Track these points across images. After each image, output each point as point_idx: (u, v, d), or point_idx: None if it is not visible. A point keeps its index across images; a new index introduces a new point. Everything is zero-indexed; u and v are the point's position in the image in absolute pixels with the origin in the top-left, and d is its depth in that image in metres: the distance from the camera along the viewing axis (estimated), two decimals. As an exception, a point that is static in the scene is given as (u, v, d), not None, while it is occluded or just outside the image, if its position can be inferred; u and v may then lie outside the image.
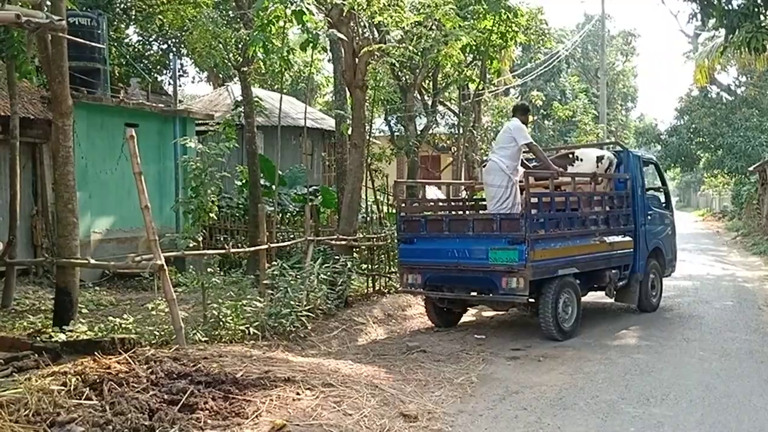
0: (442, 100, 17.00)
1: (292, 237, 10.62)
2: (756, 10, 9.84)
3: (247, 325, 6.56)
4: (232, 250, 7.78)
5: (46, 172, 10.21)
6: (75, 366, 4.58)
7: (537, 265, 6.84)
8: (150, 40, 17.35)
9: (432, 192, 15.41)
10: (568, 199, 7.56)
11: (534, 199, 7.23)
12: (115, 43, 15.01)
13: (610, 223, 8.05)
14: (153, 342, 5.95)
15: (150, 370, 4.50)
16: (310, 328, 7.06)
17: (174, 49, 17.20)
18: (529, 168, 7.99)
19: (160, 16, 14.85)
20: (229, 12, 13.70)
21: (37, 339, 5.97)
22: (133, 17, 16.20)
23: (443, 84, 16.01)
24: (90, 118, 10.71)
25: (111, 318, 6.77)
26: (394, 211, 10.27)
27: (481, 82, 15.16)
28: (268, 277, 7.45)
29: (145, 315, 7.08)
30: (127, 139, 5.84)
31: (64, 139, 6.72)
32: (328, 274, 7.94)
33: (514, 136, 7.50)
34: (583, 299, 7.76)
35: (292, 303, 7.02)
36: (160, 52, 17.38)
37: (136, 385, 4.22)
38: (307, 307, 7.15)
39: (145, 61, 16.67)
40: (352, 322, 7.80)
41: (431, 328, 8.00)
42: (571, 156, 8.67)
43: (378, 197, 12.56)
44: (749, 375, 5.79)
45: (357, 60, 8.72)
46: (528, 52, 24.68)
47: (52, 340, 5.94)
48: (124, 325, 6.46)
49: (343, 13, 8.33)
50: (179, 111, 12.55)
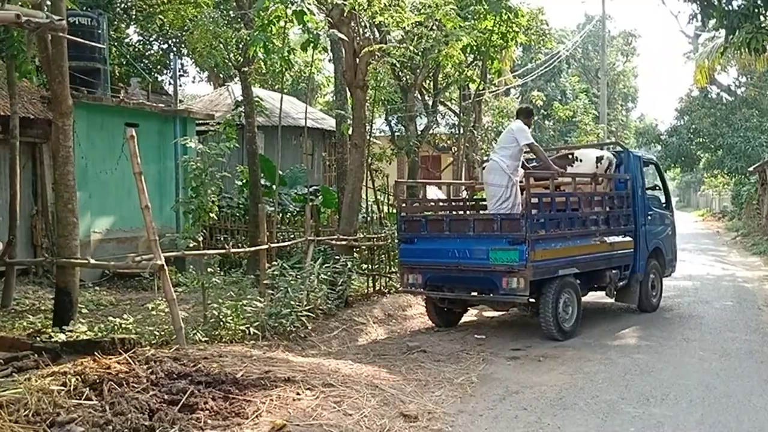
0: (442, 100, 17.01)
1: (292, 237, 10.62)
2: (756, 10, 9.84)
3: (248, 325, 6.56)
4: (233, 250, 7.79)
5: (46, 171, 10.21)
6: (75, 366, 4.58)
7: (537, 265, 6.85)
8: (150, 39, 17.36)
9: (432, 192, 15.40)
10: (569, 200, 7.56)
11: (534, 200, 7.24)
12: (115, 43, 15.02)
13: (611, 224, 8.05)
14: (153, 342, 5.95)
15: (150, 370, 4.50)
16: (310, 328, 7.06)
17: (174, 48, 17.20)
18: (529, 169, 7.99)
19: (161, 16, 14.85)
20: (230, 12, 13.70)
21: (37, 339, 5.97)
22: (133, 17, 16.21)
23: (444, 84, 16.01)
24: (90, 118, 10.71)
25: (111, 318, 6.77)
26: (395, 211, 10.26)
27: (482, 82, 15.16)
28: (269, 277, 7.45)
29: (145, 315, 7.08)
30: (128, 139, 5.84)
31: (64, 139, 6.72)
32: (329, 274, 7.94)
33: (516, 136, 7.53)
34: (583, 299, 7.77)
35: (293, 303, 7.02)
36: (161, 52, 17.38)
37: (136, 386, 4.22)
38: (307, 307, 7.15)
39: (146, 61, 16.68)
40: (353, 322, 7.80)
41: (431, 328, 8.00)
42: (570, 156, 8.68)
43: (378, 197, 12.56)
44: (749, 375, 5.79)
45: (358, 60, 8.73)
46: (528, 52, 24.68)
47: (52, 340, 5.94)
48: (124, 325, 6.46)
49: (343, 13, 8.33)
50: (179, 111, 12.55)
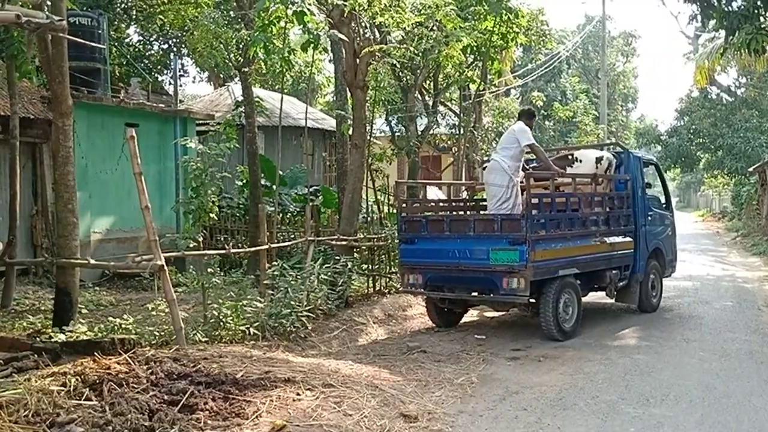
0: (442, 100, 17.01)
1: (292, 237, 10.62)
2: (756, 11, 9.85)
3: (248, 326, 6.56)
4: (233, 251, 7.78)
5: (46, 172, 10.21)
6: (75, 366, 4.58)
7: (538, 265, 6.85)
8: (150, 40, 17.35)
9: (433, 192, 15.39)
10: (569, 200, 7.57)
11: (535, 200, 7.24)
12: (115, 43, 15.02)
13: (611, 224, 8.06)
14: (153, 342, 5.95)
15: (150, 371, 4.50)
16: (310, 328, 7.06)
17: (175, 49, 17.20)
18: (529, 170, 8.00)
19: (161, 16, 14.86)
20: (230, 12, 13.70)
21: (37, 339, 5.97)
22: (133, 17, 16.21)
23: (444, 84, 16.02)
24: (90, 118, 10.71)
25: (111, 318, 6.77)
26: (395, 211, 10.26)
27: (482, 82, 15.16)
28: (269, 277, 7.45)
29: (145, 315, 7.08)
30: (128, 140, 5.85)
31: (64, 139, 6.72)
32: (329, 274, 7.94)
33: (517, 137, 7.56)
34: (583, 299, 7.77)
35: (293, 303, 7.02)
36: (161, 52, 17.38)
37: (136, 386, 4.22)
38: (307, 308, 7.15)
39: (146, 61, 16.68)
40: (353, 322, 7.79)
41: (431, 329, 8.00)
42: (570, 157, 8.68)
43: (378, 197, 12.55)
44: (749, 375, 5.79)
45: (358, 60, 8.73)
46: (529, 52, 24.67)
47: (52, 340, 5.94)
48: (124, 326, 6.45)
49: (344, 14, 8.34)
50: (180, 111, 12.55)
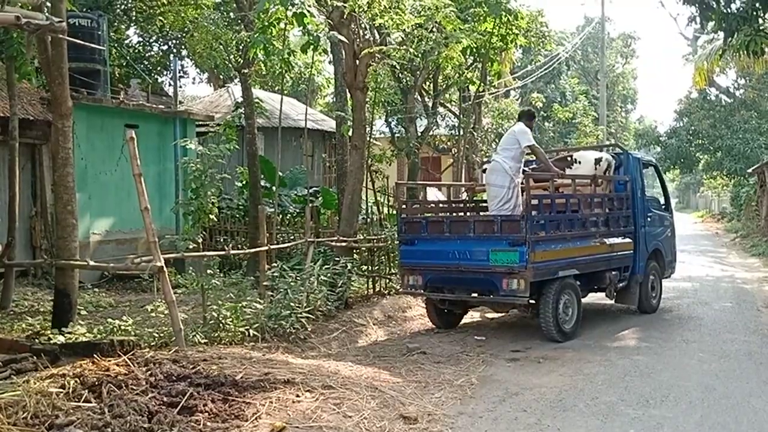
0: (442, 101, 17.02)
1: (292, 238, 10.61)
2: (754, 13, 9.87)
3: (247, 327, 6.55)
4: (232, 252, 7.77)
5: (45, 173, 10.21)
6: (74, 368, 4.58)
7: (537, 266, 6.85)
8: (150, 41, 17.36)
9: (432, 193, 15.39)
10: (569, 201, 7.57)
11: (534, 201, 7.25)
12: (115, 45, 15.02)
13: (610, 225, 8.06)
14: (152, 344, 5.93)
15: (149, 373, 4.50)
16: (310, 329, 7.05)
17: (174, 50, 17.21)
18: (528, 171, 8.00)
19: (161, 18, 14.85)
20: (230, 14, 13.71)
21: (36, 341, 5.97)
22: (133, 18, 16.21)
23: (444, 86, 16.02)
24: (90, 120, 10.71)
25: (110, 320, 6.75)
26: (395, 212, 10.26)
27: (482, 84, 15.17)
28: (268, 278, 7.44)
29: (144, 317, 7.07)
30: (127, 141, 5.85)
31: (63, 141, 6.72)
32: (328, 275, 7.94)
33: (517, 138, 7.57)
34: (583, 301, 7.77)
35: (292, 304, 7.02)
36: (161, 54, 17.38)
37: (135, 388, 4.21)
38: (307, 309, 7.14)
39: (146, 62, 16.68)
40: (352, 323, 7.79)
41: (431, 330, 8.00)
42: (569, 158, 8.70)
43: (378, 198, 12.55)
44: (748, 376, 5.79)
45: (358, 62, 8.73)
46: (528, 54, 24.70)
47: (51, 342, 5.94)
48: (123, 327, 6.44)
49: (343, 15, 8.34)
50: (179, 112, 12.54)
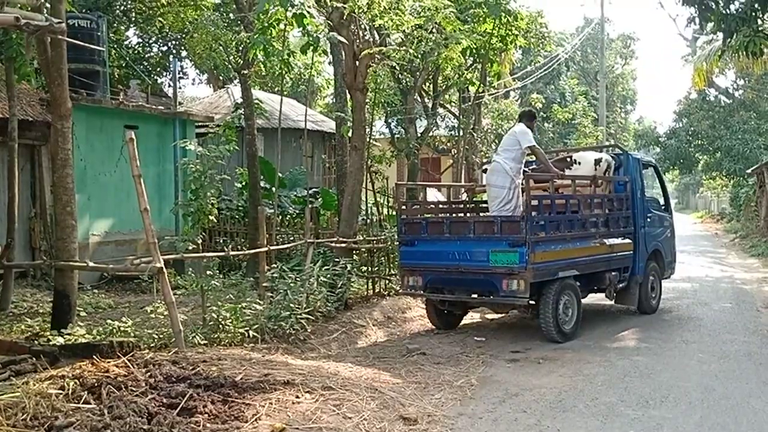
0: (442, 102, 17.03)
1: (292, 239, 10.61)
2: (753, 14, 9.87)
3: (247, 328, 6.55)
4: (232, 253, 7.76)
5: (44, 174, 10.20)
6: (73, 370, 4.57)
7: (537, 267, 6.85)
8: (150, 42, 17.36)
9: (432, 194, 15.39)
10: (569, 202, 7.57)
11: (534, 202, 7.25)
12: (114, 46, 15.02)
13: (610, 226, 8.06)
14: (152, 345, 5.93)
15: (149, 374, 4.49)
16: (309, 330, 7.05)
17: (174, 51, 17.21)
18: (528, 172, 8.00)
19: (161, 19, 14.85)
20: (230, 14, 13.72)
21: (35, 342, 5.97)
22: (133, 19, 16.21)
23: (443, 87, 16.03)
24: (89, 121, 10.71)
25: (109, 321, 6.76)
26: (395, 213, 10.25)
27: (481, 84, 15.17)
28: (268, 279, 7.44)
29: (143, 318, 7.06)
30: (127, 142, 5.84)
31: (63, 142, 6.71)
32: (328, 276, 7.93)
33: (518, 138, 7.57)
34: (582, 301, 7.76)
35: (292, 305, 7.01)
36: (160, 54, 17.38)
37: (134, 389, 4.21)
38: (306, 310, 7.14)
39: (145, 63, 16.68)
40: (352, 324, 7.79)
41: (431, 331, 7.99)
42: (568, 159, 8.70)
43: (378, 199, 12.54)
44: (748, 377, 5.79)
45: (357, 63, 8.73)
46: (528, 55, 24.72)
47: (50, 343, 5.94)
48: (122, 329, 6.44)
49: (343, 16, 8.34)
50: (179, 113, 12.54)
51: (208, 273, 7.13)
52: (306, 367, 5.40)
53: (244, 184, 13.11)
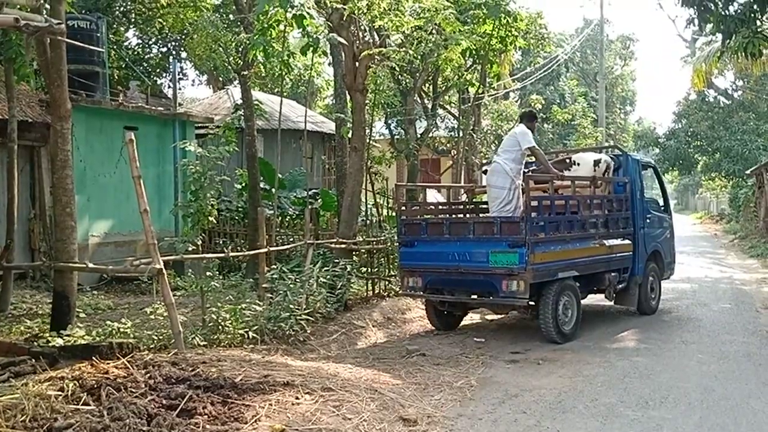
0: (442, 103, 17.03)
1: (291, 240, 10.61)
2: (752, 15, 9.87)
3: (246, 329, 6.55)
4: (232, 254, 7.76)
5: (44, 175, 10.21)
6: (72, 371, 4.57)
7: (537, 268, 6.85)
8: (150, 43, 17.34)
9: (432, 195, 15.40)
10: (568, 203, 7.58)
11: (534, 203, 7.25)
12: (114, 46, 15.01)
13: (610, 227, 8.07)
14: (151, 346, 5.93)
15: (148, 375, 4.49)
16: (309, 331, 7.05)
17: (174, 52, 17.19)
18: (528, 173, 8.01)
19: (160, 20, 14.85)
20: (230, 15, 13.71)
21: (35, 344, 5.96)
22: (132, 20, 16.20)
23: (443, 88, 16.04)
24: (89, 122, 10.71)
25: (109, 322, 6.75)
26: (394, 214, 10.25)
27: (481, 85, 15.18)
28: (268, 280, 7.44)
29: (143, 319, 7.06)
30: (126, 143, 5.84)
31: (62, 143, 6.71)
32: (328, 277, 7.93)
33: (518, 140, 7.59)
34: (582, 302, 7.77)
35: (292, 306, 7.01)
36: (160, 56, 17.37)
37: (134, 390, 4.21)
38: (306, 311, 7.14)
39: (145, 64, 16.66)
40: (352, 325, 7.79)
41: (431, 332, 7.99)
42: (568, 160, 8.71)
43: (378, 200, 12.55)
44: (747, 377, 5.79)
45: (357, 64, 8.74)
46: (527, 56, 24.74)
47: (50, 344, 5.94)
48: (122, 330, 6.43)
49: (343, 17, 8.35)
50: (179, 114, 12.54)
51: (208, 274, 7.12)
52: (306, 368, 5.40)
53: (243, 185, 13.11)
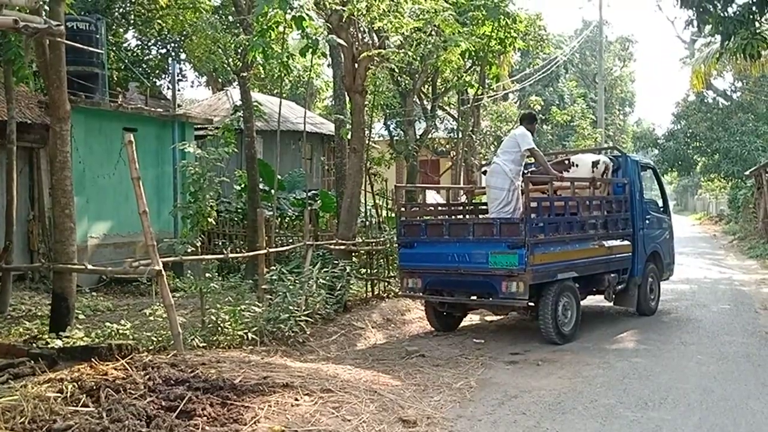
0: (441, 104, 17.03)
1: (291, 241, 10.61)
2: (751, 17, 9.89)
3: (246, 331, 6.54)
4: (231, 255, 7.75)
5: (43, 176, 10.20)
6: (72, 372, 4.57)
7: (537, 269, 6.85)
8: (149, 44, 17.34)
9: (431, 196, 15.40)
10: (567, 204, 7.58)
11: (533, 204, 7.26)
12: (113, 48, 15.01)
13: (609, 228, 8.07)
14: (150, 348, 5.92)
15: (147, 377, 4.49)
16: (308, 333, 7.04)
17: (173, 53, 17.19)
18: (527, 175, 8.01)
19: (160, 21, 14.85)
20: (229, 17, 13.73)
21: (34, 345, 5.96)
22: (131, 22, 16.20)
23: (442, 89, 16.04)
24: (88, 123, 10.71)
25: (108, 324, 6.74)
26: (394, 215, 10.25)
27: (480, 87, 15.19)
28: (267, 281, 7.43)
29: (142, 320, 7.06)
30: (126, 144, 5.84)
31: (61, 144, 6.71)
32: (327, 278, 7.93)
33: (518, 141, 7.61)
34: (582, 303, 7.77)
35: (291, 308, 7.01)
36: (159, 57, 17.37)
37: (133, 392, 4.20)
38: (305, 312, 7.14)
39: (144, 66, 16.66)
40: (351, 326, 7.78)
41: (430, 333, 7.99)
42: (567, 162, 8.71)
43: (377, 201, 12.55)
44: (746, 378, 5.79)
45: (356, 65, 8.74)
46: (527, 57, 24.76)
47: (49, 346, 5.93)
48: (121, 331, 6.43)
49: (342, 19, 8.35)
50: (178, 115, 12.54)
51: (207, 275, 7.11)
52: (305, 370, 5.39)
53: (243, 186, 13.11)
